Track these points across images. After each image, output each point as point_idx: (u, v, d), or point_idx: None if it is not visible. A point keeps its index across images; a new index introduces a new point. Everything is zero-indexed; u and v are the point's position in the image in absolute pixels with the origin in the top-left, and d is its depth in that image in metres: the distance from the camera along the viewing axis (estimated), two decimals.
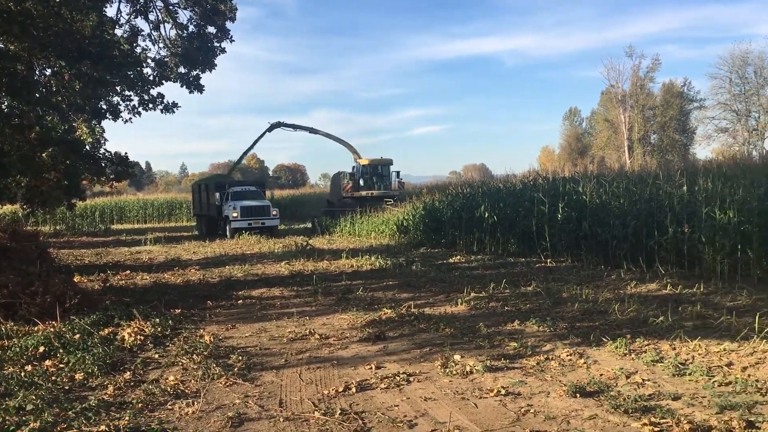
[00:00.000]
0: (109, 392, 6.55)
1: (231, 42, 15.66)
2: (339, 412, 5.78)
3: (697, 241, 13.03)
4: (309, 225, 36.51)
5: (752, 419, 5.19)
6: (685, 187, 14.09)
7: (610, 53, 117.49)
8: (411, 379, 6.80)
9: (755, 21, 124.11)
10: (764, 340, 7.53)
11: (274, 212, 31.55)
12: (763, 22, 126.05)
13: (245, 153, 41.70)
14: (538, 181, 19.71)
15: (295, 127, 39.29)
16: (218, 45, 15.60)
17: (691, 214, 13.43)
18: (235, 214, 30.65)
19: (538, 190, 18.03)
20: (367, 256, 18.27)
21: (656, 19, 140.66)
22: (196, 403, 6.14)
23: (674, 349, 7.57)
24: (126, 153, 16.72)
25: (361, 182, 35.82)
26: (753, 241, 12.02)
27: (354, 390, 6.43)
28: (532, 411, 5.70)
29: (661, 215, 13.93)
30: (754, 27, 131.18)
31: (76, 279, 13.92)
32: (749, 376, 6.42)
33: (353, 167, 36.95)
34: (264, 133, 39.51)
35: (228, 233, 30.98)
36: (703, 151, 63.48)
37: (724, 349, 7.40)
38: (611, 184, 16.29)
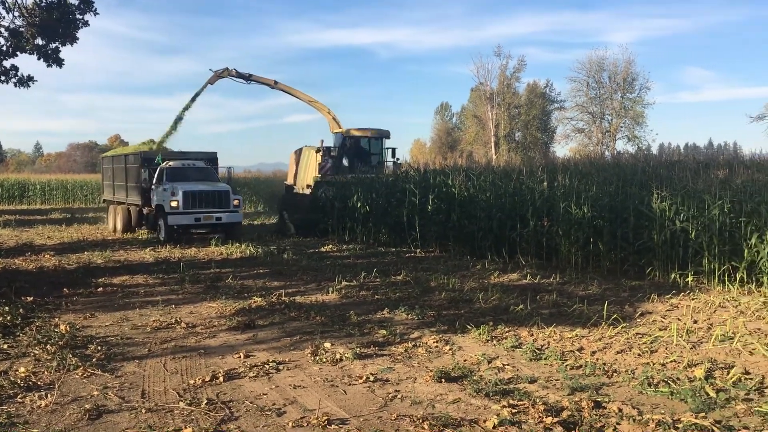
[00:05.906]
0: None
1: (95, 15, 14.73)
2: (205, 401, 5.65)
3: (555, 234, 13.89)
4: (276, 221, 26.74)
5: (599, 399, 5.62)
6: (545, 183, 14.91)
7: (481, 52, 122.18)
8: (280, 367, 6.77)
9: (610, 29, 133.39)
10: (611, 327, 8.17)
11: (236, 201, 20.31)
12: (617, 31, 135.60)
13: (185, 109, 29.41)
14: (410, 172, 20.15)
15: (248, 78, 27.93)
16: (81, 17, 14.62)
17: (550, 209, 14.26)
18: (174, 203, 19.38)
19: (409, 182, 18.44)
20: (237, 244, 17.93)
21: (522, 22, 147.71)
22: (49, 395, 5.79)
23: (532, 335, 8.04)
24: None
25: (345, 161, 23.87)
26: (604, 235, 12.96)
27: (221, 379, 6.31)
28: (399, 396, 5.84)
29: (524, 209, 14.69)
30: (609, 35, 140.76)
31: None
32: (597, 359, 6.94)
33: (322, 142, 24.33)
34: (206, 85, 28.27)
35: (163, 232, 19.93)
36: (562, 149, 67.30)
37: (576, 335, 7.94)
38: (479, 178, 16.94)
